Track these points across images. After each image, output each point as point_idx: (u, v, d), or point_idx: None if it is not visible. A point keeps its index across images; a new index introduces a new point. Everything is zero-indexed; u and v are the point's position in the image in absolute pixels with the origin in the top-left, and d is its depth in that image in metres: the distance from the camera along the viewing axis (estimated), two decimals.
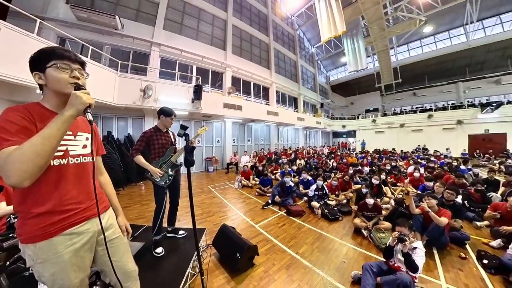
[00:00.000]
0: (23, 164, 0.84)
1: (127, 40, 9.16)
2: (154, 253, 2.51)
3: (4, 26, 4.14)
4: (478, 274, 3.01)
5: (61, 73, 1.04)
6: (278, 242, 3.69)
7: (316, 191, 5.65)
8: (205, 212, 4.99)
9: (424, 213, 3.79)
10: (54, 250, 1.06)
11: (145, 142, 2.64)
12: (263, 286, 2.62)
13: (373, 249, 3.60)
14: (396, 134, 20.63)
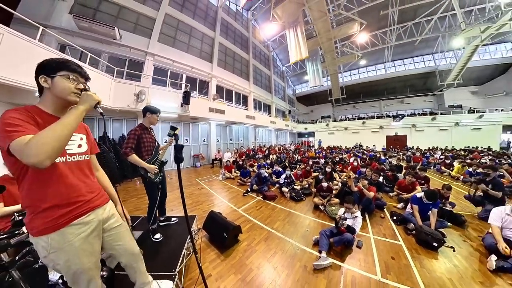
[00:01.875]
0: (45, 145, 0.78)
1: (124, 49, 8.38)
2: (153, 239, 2.36)
3: (7, 32, 3.58)
4: (391, 227, 3.64)
5: (69, 83, 0.99)
6: (257, 221, 3.73)
7: (285, 179, 5.76)
8: (194, 202, 4.77)
9: (360, 190, 4.23)
10: (65, 239, 1.00)
11: (136, 140, 2.31)
12: (247, 256, 2.65)
13: (327, 219, 3.90)
14: (342, 135, 22.28)
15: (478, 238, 3.12)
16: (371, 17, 14.04)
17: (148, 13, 9.43)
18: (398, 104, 23.40)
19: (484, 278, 2.28)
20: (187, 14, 11.38)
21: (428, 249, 2.88)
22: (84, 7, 7.48)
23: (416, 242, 3.08)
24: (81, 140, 1.16)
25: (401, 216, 3.75)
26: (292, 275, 2.29)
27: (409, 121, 18.96)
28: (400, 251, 2.85)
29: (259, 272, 2.33)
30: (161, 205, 2.68)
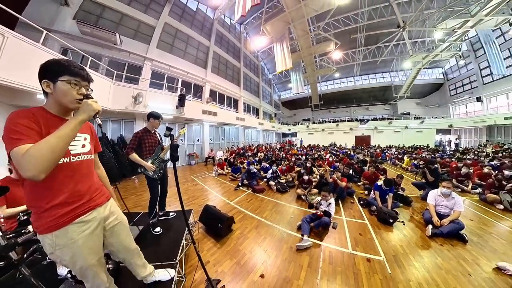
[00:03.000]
0: (40, 159, 0.71)
1: (124, 54, 7.92)
2: (154, 232, 2.30)
3: (12, 35, 3.26)
4: (358, 210, 3.93)
5: (71, 89, 0.88)
6: (248, 212, 3.72)
7: (272, 174, 5.83)
8: (190, 197, 4.65)
9: (334, 180, 4.44)
10: (69, 237, 0.94)
11: (137, 142, 2.32)
12: (241, 243, 2.66)
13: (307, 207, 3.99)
14: (320, 135, 23.04)
15: (420, 214, 3.55)
16: (344, 39, 15.28)
17: (148, 22, 9.01)
18: (364, 110, 25.23)
19: (424, 242, 2.73)
20: (185, 24, 11.04)
21: (386, 225, 3.22)
22: (88, 13, 7.07)
23: (377, 220, 3.40)
24: (85, 140, 1.07)
25: (366, 201, 4.07)
26: (280, 255, 2.37)
27: (372, 124, 20.89)
28: (366, 228, 3.12)
29: (252, 256, 2.37)
30: (161, 200, 2.61)
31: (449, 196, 3.05)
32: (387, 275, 2.06)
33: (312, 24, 12.99)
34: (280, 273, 2.06)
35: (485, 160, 7.81)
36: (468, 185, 5.27)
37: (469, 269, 2.21)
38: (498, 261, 2.27)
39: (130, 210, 3.34)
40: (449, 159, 8.76)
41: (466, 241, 2.72)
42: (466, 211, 3.68)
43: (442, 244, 2.69)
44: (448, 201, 3.04)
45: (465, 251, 2.54)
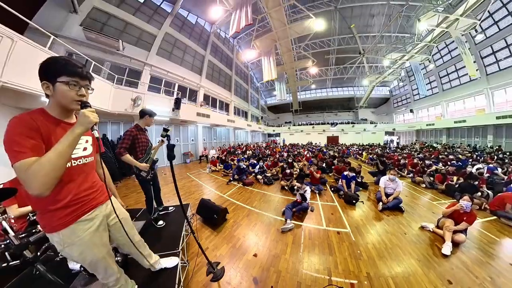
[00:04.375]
0: (43, 177, 0.65)
1: (125, 59, 7.35)
2: (157, 225, 2.21)
3: (20, 39, 2.92)
4: (330, 195, 4.23)
5: (70, 90, 0.76)
6: (239, 203, 3.72)
7: (259, 169, 5.85)
8: (187, 192, 4.47)
9: (311, 172, 4.67)
10: (76, 235, 0.87)
11: (131, 141, 1.93)
12: (235, 230, 2.69)
13: (290, 195, 4.15)
14: (299, 135, 23.61)
15: (374, 194, 4.00)
16: (319, 58, 16.54)
17: (150, 30, 8.49)
18: (334, 115, 26.87)
19: (376, 215, 3.18)
20: (184, 34, 10.57)
21: (351, 205, 3.57)
22: (94, 21, 6.61)
23: (344, 202, 3.73)
24: (87, 142, 0.96)
25: (336, 187, 4.39)
26: (269, 237, 2.47)
27: (340, 127, 22.40)
28: (336, 209, 3.41)
29: (245, 239, 2.42)
30: (157, 197, 2.42)
31: (394, 180, 3.54)
32: (352, 242, 2.34)
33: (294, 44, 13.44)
34: (270, 251, 2.15)
35: (415, 154, 9.28)
36: (404, 171, 6.29)
37: (405, 230, 2.67)
38: (422, 222, 2.80)
39: (132, 207, 3.21)
40: (392, 153, 10.13)
41: (403, 211, 3.25)
42: (403, 190, 4.23)
43: (388, 215, 3.14)
44: (393, 184, 3.54)
45: (402, 218, 3.04)
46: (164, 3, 9.26)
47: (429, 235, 2.53)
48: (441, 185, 4.58)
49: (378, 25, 13.38)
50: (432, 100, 16.05)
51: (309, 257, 2.05)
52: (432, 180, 4.92)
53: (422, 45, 11.07)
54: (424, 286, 1.67)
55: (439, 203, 3.76)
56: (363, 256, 2.06)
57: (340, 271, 1.84)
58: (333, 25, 13.75)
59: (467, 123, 12.09)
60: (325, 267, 1.90)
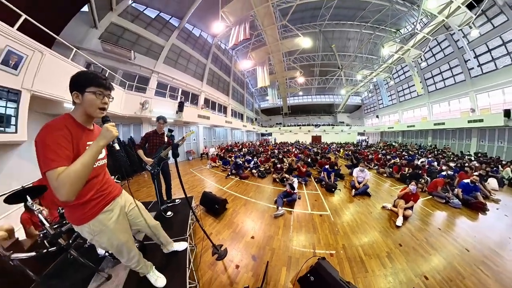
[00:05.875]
0: (70, 186, 0.64)
1: (135, 67, 7.16)
2: (166, 216, 2.23)
3: (49, 52, 2.94)
4: (314, 185, 4.41)
5: (96, 99, 0.77)
6: (237, 194, 3.75)
7: (254, 164, 5.89)
8: (191, 186, 4.42)
9: (298, 167, 4.82)
10: (102, 224, 0.90)
11: (144, 140, 2.15)
12: (234, 217, 2.74)
13: (281, 186, 4.24)
14: (288, 135, 23.83)
15: (349, 183, 4.22)
16: (306, 69, 17.27)
17: (159, 42, 8.29)
18: (317, 118, 27.31)
19: (350, 200, 3.46)
20: (189, 45, 10.31)
21: (330, 193, 3.78)
22: (111, 34, 6.66)
23: (325, 190, 3.93)
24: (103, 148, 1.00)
25: (318, 178, 4.57)
26: (263, 222, 2.57)
27: (322, 128, 23.32)
28: (319, 196, 3.60)
29: (243, 225, 2.49)
30: (168, 191, 2.44)
31: (363, 171, 3.88)
32: (331, 222, 2.55)
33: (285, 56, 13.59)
34: (265, 233, 2.26)
35: (379, 151, 10.18)
36: (372, 164, 6.76)
37: (371, 210, 2.95)
38: (383, 203, 3.10)
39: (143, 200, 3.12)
40: (363, 150, 11.19)
41: (370, 195, 3.56)
42: (370, 179, 4.64)
43: (359, 199, 3.41)
44: (363, 174, 3.87)
45: (369, 201, 3.33)
46: (173, 19, 9.13)
47: (388, 213, 2.84)
48: (397, 174, 5.14)
49: (353, 47, 14.70)
50: (392, 109, 17.65)
51: (297, 236, 2.20)
52: (391, 170, 5.46)
53: (385, 66, 12.49)
54: (383, 249, 1.92)
55: (395, 188, 4.18)
56: (340, 232, 2.27)
57: (322, 245, 2.03)
58: (318, 44, 14.55)
59: (415, 127, 13.93)
60: (310, 243, 2.06)
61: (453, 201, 3.15)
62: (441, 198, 3.34)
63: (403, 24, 11.31)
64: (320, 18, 11.90)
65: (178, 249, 1.55)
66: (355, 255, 1.86)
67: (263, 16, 7.99)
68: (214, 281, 1.54)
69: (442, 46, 10.72)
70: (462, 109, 10.28)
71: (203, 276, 1.60)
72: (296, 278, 1.50)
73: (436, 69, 11.60)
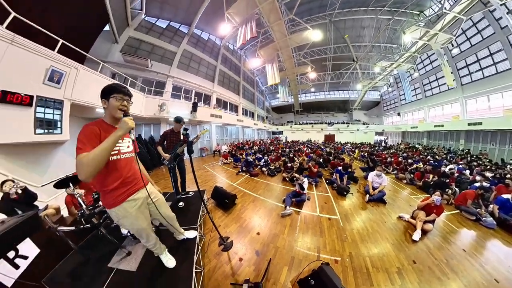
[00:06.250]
0: (87, 167, 0.74)
1: (153, 74, 7.89)
2: (178, 206, 2.39)
3: (82, 68, 3.57)
4: (325, 186, 4.21)
5: (116, 102, 0.92)
6: (247, 191, 3.80)
7: (264, 162, 5.83)
8: (203, 180, 4.62)
9: (309, 167, 4.59)
10: (126, 211, 1.02)
11: (163, 138, 2.33)
12: (242, 212, 2.80)
13: (290, 186, 4.13)
14: (300, 133, 22.94)
15: (363, 188, 3.91)
16: (317, 64, 15.98)
17: (171, 49, 8.98)
18: (331, 116, 25.56)
19: (363, 205, 3.19)
20: (199, 49, 10.85)
21: (342, 196, 3.55)
22: (130, 47, 7.57)
23: (336, 193, 3.70)
24: (129, 142, 1.09)
25: (330, 180, 4.34)
26: (270, 220, 2.56)
27: (336, 127, 21.53)
28: (329, 199, 3.41)
29: (251, 221, 2.53)
30: (182, 184, 2.63)
31: (380, 176, 3.49)
32: (340, 227, 2.39)
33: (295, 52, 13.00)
34: (271, 231, 2.26)
35: (400, 153, 8.96)
36: (390, 168, 6.07)
37: (385, 219, 2.66)
38: (400, 213, 2.78)
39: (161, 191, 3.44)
40: (381, 152, 9.76)
41: (385, 203, 3.21)
42: (388, 185, 4.19)
43: (373, 206, 3.12)
44: (379, 179, 3.49)
45: (384, 209, 3.02)
46: (182, 26, 9.78)
47: (404, 224, 2.53)
48: (419, 182, 4.48)
49: (369, 36, 13.02)
50: (416, 105, 15.28)
51: (303, 237, 2.13)
52: (412, 177, 4.81)
53: (407, 55, 10.92)
54: (394, 264, 1.73)
55: (415, 197, 3.68)
56: (348, 239, 2.12)
57: (327, 250, 1.92)
58: (329, 36, 13.42)
59: (444, 128, 11.80)
60: (315, 246, 1.98)
61: (485, 220, 2.60)
62: (470, 214, 2.79)
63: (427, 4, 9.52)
64: (330, 8, 10.84)
65: (189, 237, 1.68)
66: (362, 265, 1.72)
67: (269, 13, 7.85)
68: (218, 270, 1.63)
69: (479, 27, 8.42)
70: (506, 106, 7.99)
71: (208, 264, 1.70)
72: (297, 279, 1.48)
73: (471, 56, 9.30)
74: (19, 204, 1.73)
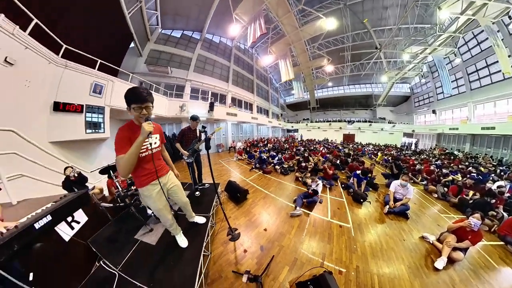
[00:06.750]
0: (123, 168, 1.01)
1: (173, 79, 8.96)
2: (195, 195, 2.58)
3: (117, 80, 4.53)
4: (340, 191, 3.90)
5: (136, 112, 1.03)
6: (258, 187, 3.83)
7: (278, 160, 5.78)
8: (219, 174, 4.84)
9: (324, 168, 4.32)
10: (149, 192, 1.23)
11: (181, 136, 2.47)
12: (252, 207, 2.85)
13: (302, 186, 3.98)
14: (316, 131, 21.55)
15: (383, 197, 3.46)
16: (334, 56, 14.31)
17: (187, 55, 9.94)
18: (351, 113, 23.08)
19: (380, 217, 2.82)
20: (212, 52, 11.52)
21: (358, 203, 3.20)
22: (152, 58, 8.76)
23: (352, 199, 3.36)
24: (156, 138, 1.25)
25: (346, 184, 3.97)
26: (279, 218, 2.54)
27: (357, 125, 19.18)
28: (343, 205, 3.13)
29: (259, 216, 2.57)
30: (199, 176, 2.78)
31: (405, 186, 3.00)
32: (351, 237, 2.20)
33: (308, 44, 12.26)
34: (278, 229, 2.26)
35: (433, 160, 7.42)
36: (418, 178, 5.09)
37: (405, 236, 2.30)
38: (424, 232, 2.36)
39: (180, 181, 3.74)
40: (409, 157, 8.28)
41: (408, 218, 2.77)
42: (413, 197, 3.55)
43: (392, 219, 2.73)
44: (403, 190, 3.01)
45: (405, 225, 2.60)
46: (194, 33, 10.84)
47: (427, 246, 2.13)
48: (454, 198, 3.61)
49: (394, 17, 10.59)
50: (458, 101, 11.89)
51: (310, 241, 2.05)
52: (445, 191, 3.93)
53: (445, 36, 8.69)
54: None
55: (447, 217, 3.04)
56: (358, 251, 1.95)
57: (333, 258, 1.81)
58: (345, 22, 11.64)
59: (496, 131, 8.86)
60: (321, 252, 1.88)
61: None
62: None
63: None
64: None
65: (199, 221, 1.85)
66: (368, 282, 1.56)
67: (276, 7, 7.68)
68: (223, 257, 1.74)
69: None
70: None
71: (216, 250, 1.83)
72: (296, 280, 1.46)
73: None
74: (76, 184, 2.23)
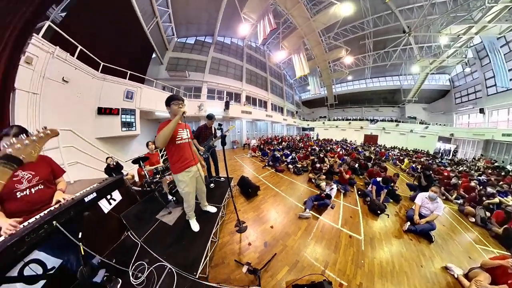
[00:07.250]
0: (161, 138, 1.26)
1: (191, 81, 9.89)
2: (210, 186, 2.74)
3: (144, 87, 5.48)
4: (355, 198, 3.57)
5: (175, 106, 1.35)
6: (270, 184, 3.80)
7: (291, 159, 5.64)
8: (233, 169, 4.97)
9: (340, 171, 4.02)
10: (183, 177, 1.47)
11: (198, 133, 2.65)
12: (262, 203, 2.87)
13: (315, 189, 3.78)
14: (334, 131, 19.89)
15: (405, 211, 3.01)
16: (353, 45, 12.65)
17: (202, 59, 10.90)
18: (374, 111, 20.12)
19: (398, 234, 2.45)
20: (225, 54, 12.12)
21: (374, 215, 2.89)
22: (171, 64, 10.01)
23: (368, 209, 3.04)
24: (187, 134, 1.52)
25: (363, 192, 3.60)
26: (286, 217, 2.50)
27: (381, 125, 16.60)
28: (357, 214, 2.88)
29: (268, 213, 2.57)
30: (216, 170, 2.98)
31: (434, 200, 2.54)
32: (360, 250, 2.02)
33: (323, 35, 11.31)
34: (284, 228, 2.23)
35: (475, 174, 5.80)
36: (453, 194, 4.14)
37: (424, 262, 1.97)
38: (449, 262, 1.96)
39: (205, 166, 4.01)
40: (443, 167, 6.94)
41: (432, 241, 2.33)
42: (442, 217, 2.99)
43: (411, 239, 2.37)
44: (432, 204, 2.55)
45: (427, 248, 2.22)
46: (207, 38, 11.78)
47: (450, 280, 1.73)
48: (497, 227, 2.79)
49: None
50: None
51: (314, 246, 1.97)
52: (487, 216, 3.07)
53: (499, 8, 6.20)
54: None
55: (483, 249, 2.40)
56: (365, 267, 1.76)
57: (336, 269, 1.70)
58: (363, 5, 9.95)
59: None
60: (324, 259, 1.79)
61: None
62: None
63: None
64: None
65: (210, 211, 2.02)
66: None
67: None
68: (228, 246, 1.86)
69: None
70: None
71: (222, 238, 1.96)
72: (293, 282, 1.47)
73: None
74: (114, 170, 2.70)
